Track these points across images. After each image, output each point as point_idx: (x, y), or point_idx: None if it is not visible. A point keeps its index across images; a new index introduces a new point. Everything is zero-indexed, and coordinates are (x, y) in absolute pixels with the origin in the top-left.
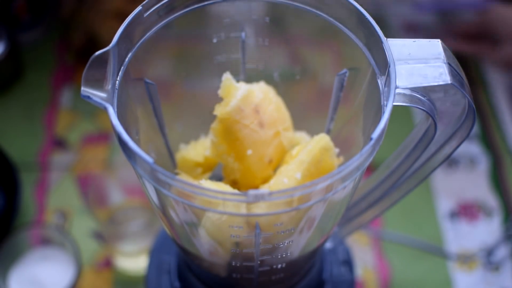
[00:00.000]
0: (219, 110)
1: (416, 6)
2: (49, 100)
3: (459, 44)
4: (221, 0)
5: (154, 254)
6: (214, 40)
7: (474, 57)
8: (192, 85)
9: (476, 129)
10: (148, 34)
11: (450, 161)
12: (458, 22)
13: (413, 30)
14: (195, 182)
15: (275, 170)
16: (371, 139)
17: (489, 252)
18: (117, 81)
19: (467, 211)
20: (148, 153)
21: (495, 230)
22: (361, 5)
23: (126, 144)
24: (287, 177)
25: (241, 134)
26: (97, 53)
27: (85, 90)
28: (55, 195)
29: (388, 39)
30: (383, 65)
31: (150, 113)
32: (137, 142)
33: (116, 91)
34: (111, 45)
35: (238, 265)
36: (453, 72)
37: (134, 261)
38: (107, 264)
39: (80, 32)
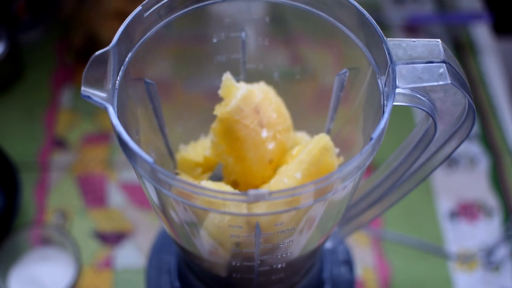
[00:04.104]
0: (219, 110)
1: (417, 19)
2: (49, 100)
3: None
4: (221, 0)
5: (154, 254)
6: (214, 40)
7: None
8: (192, 85)
9: (476, 129)
10: (148, 34)
11: (450, 161)
12: None
13: (413, 31)
14: (195, 182)
15: (275, 170)
16: (371, 139)
17: (489, 252)
18: (117, 81)
19: (467, 211)
20: (148, 153)
21: (495, 230)
22: (361, 5)
23: (126, 144)
24: (287, 177)
25: (241, 134)
26: (97, 53)
27: (85, 90)
28: (55, 195)
29: (388, 39)
30: (383, 65)
31: (150, 113)
32: (137, 142)
33: (116, 91)
34: (111, 45)
35: (238, 265)
36: (453, 72)
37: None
38: (107, 264)
39: (80, 32)
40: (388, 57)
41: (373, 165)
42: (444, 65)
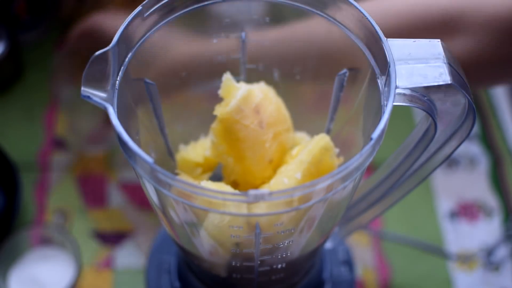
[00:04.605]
0: (219, 110)
1: None
2: (49, 100)
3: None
4: (221, 0)
5: (154, 254)
6: (214, 40)
7: None
8: (192, 85)
9: (476, 129)
10: (148, 34)
11: (450, 161)
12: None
13: None
14: (195, 183)
15: (275, 170)
16: (371, 139)
17: (489, 252)
18: (117, 81)
19: (467, 211)
20: (148, 153)
21: (495, 230)
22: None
23: (126, 144)
24: (287, 177)
25: (241, 134)
26: (97, 53)
27: (85, 90)
28: (55, 195)
29: (388, 39)
30: (383, 65)
31: (150, 113)
32: (137, 142)
33: (116, 91)
34: (111, 45)
35: (238, 265)
36: (453, 72)
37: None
38: (107, 264)
39: None
40: (388, 57)
41: (373, 165)
42: (444, 65)
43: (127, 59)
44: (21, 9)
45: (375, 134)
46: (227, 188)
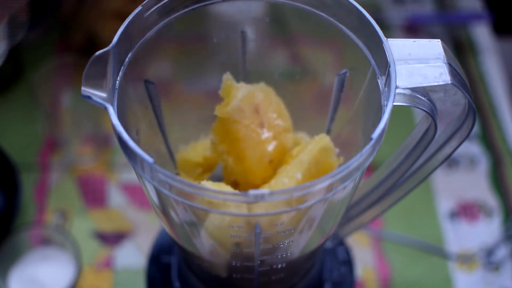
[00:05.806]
0: (219, 110)
1: (417, 19)
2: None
3: None
4: (221, 0)
5: (154, 254)
6: (214, 40)
7: None
8: (192, 85)
9: (476, 129)
10: (148, 34)
11: (450, 161)
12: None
13: (413, 31)
14: (195, 182)
15: (275, 170)
16: (371, 139)
17: (489, 252)
18: (117, 81)
19: (467, 211)
20: (148, 153)
21: (495, 230)
22: (361, 5)
23: (126, 144)
24: (287, 177)
25: (241, 134)
26: (97, 53)
27: (85, 90)
28: (55, 195)
29: (388, 39)
30: (383, 65)
31: (150, 113)
32: (137, 142)
33: (116, 91)
34: (111, 45)
35: (238, 265)
36: (453, 72)
37: None
38: (107, 264)
39: (80, 32)
40: (388, 57)
41: (373, 165)
42: (444, 65)
43: (127, 59)
44: (21, 9)
45: (375, 134)
46: (227, 188)
